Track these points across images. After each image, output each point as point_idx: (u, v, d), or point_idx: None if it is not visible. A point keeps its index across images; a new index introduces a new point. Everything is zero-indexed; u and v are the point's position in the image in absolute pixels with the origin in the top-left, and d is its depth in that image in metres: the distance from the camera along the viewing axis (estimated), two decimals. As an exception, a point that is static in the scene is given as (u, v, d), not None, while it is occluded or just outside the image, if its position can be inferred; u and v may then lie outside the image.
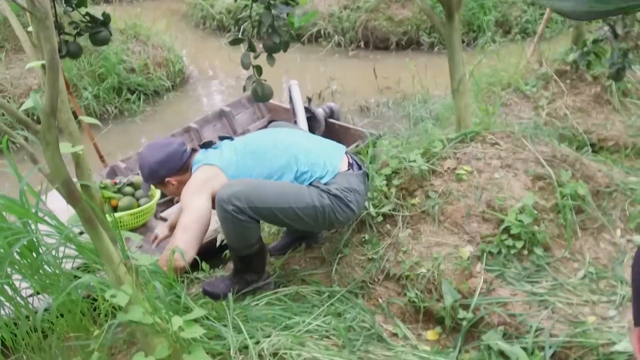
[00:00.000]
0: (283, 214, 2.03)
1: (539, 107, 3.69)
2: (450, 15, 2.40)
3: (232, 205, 1.96)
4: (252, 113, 4.48)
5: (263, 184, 2.07)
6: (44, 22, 1.11)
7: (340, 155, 2.26)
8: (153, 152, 2.29)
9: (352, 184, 2.16)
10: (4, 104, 1.15)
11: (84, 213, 1.26)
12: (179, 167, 2.28)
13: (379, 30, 6.24)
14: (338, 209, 2.10)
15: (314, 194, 2.08)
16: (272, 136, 2.30)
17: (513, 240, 2.19)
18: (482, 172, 2.41)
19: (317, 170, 2.16)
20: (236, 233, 2.05)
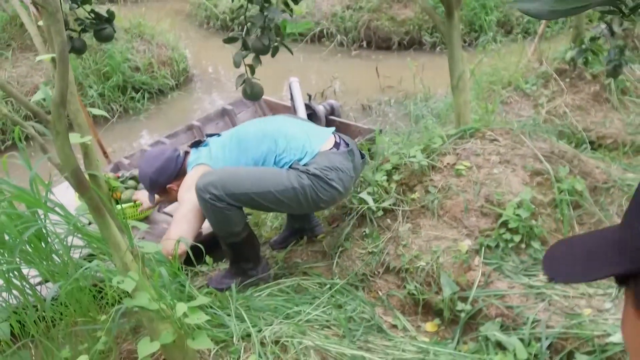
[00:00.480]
0: (262, 198, 2.06)
1: (538, 105, 3.72)
2: (450, 13, 2.44)
3: (209, 193, 2.02)
4: (254, 111, 4.52)
5: (238, 170, 2.12)
6: (54, 16, 1.15)
7: (323, 137, 2.27)
8: (149, 163, 2.38)
9: (334, 162, 2.16)
10: (16, 95, 1.20)
11: (92, 202, 1.31)
12: (176, 172, 2.37)
13: (381, 30, 6.28)
14: (320, 188, 2.11)
15: (292, 175, 2.10)
16: (256, 125, 2.36)
17: (511, 234, 2.22)
18: (481, 168, 2.45)
19: (295, 153, 2.18)
20: (217, 221, 2.10)
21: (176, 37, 5.44)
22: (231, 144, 2.27)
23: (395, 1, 6.40)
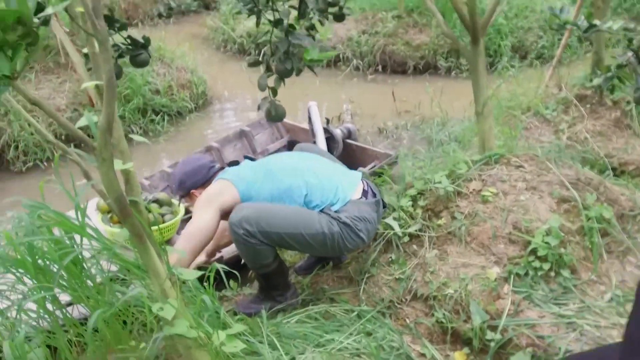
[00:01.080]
0: (292, 239, 2.08)
1: (559, 130, 3.72)
2: (476, 40, 2.45)
3: (242, 229, 2.04)
4: (271, 133, 4.56)
5: (274, 209, 2.12)
6: (104, 45, 1.17)
7: (355, 183, 2.30)
8: (184, 165, 2.46)
9: (363, 212, 2.20)
10: (63, 121, 1.21)
11: (133, 228, 1.31)
12: (203, 181, 2.43)
13: (396, 54, 6.33)
14: (347, 236, 2.14)
15: (324, 221, 2.12)
16: (288, 158, 2.39)
17: (540, 262, 2.21)
18: (508, 194, 2.44)
19: (328, 197, 2.20)
20: (249, 254, 2.12)
21: (195, 60, 5.50)
22: (260, 169, 2.29)
23: (411, 26, 6.46)
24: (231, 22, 6.96)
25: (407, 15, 6.53)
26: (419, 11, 6.52)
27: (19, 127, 4.23)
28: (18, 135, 4.22)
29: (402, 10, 6.51)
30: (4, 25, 0.79)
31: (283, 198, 2.19)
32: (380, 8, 6.65)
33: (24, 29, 0.82)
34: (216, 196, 2.21)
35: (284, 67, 2.10)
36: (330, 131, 4.08)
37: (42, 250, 1.52)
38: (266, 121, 4.45)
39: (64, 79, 4.65)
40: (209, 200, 2.19)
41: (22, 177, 4.20)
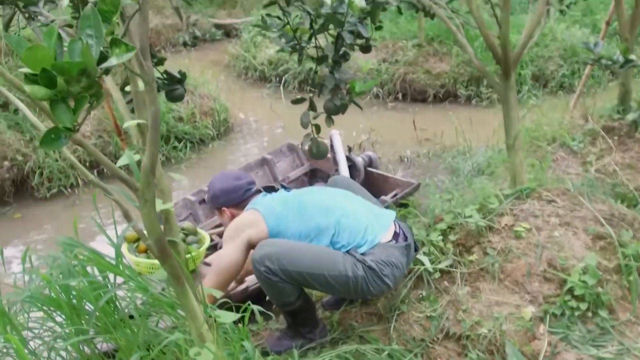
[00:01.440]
0: (314, 279, 2.04)
1: (587, 162, 3.66)
2: (507, 74, 2.44)
3: (263, 266, 2.01)
4: (292, 161, 4.56)
5: (297, 247, 2.09)
6: (150, 85, 1.17)
7: (386, 225, 2.24)
8: (223, 179, 2.47)
9: (391, 257, 2.14)
10: (106, 161, 1.20)
11: (172, 270, 1.29)
12: (237, 202, 2.43)
13: (417, 82, 6.33)
14: (372, 281, 2.08)
15: (349, 262, 2.07)
16: (321, 194, 2.35)
17: (577, 302, 2.15)
18: (541, 230, 2.39)
19: (355, 238, 2.15)
20: (272, 292, 2.09)
21: (218, 88, 5.55)
22: (292, 204, 2.26)
23: (431, 54, 6.47)
24: (252, 50, 7.03)
25: (427, 43, 6.55)
26: (439, 40, 6.54)
27: (44, 154, 4.26)
28: (43, 162, 4.25)
29: (422, 39, 6.54)
30: (69, 77, 0.78)
31: (310, 236, 2.17)
32: (400, 37, 6.68)
33: (87, 80, 0.81)
34: (243, 228, 2.21)
35: (332, 104, 2.10)
36: (352, 159, 4.06)
37: (78, 291, 1.50)
38: (287, 149, 4.47)
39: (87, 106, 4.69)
40: (238, 232, 2.19)
41: (45, 203, 4.22)
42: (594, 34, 7.31)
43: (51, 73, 0.77)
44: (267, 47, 7.01)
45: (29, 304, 1.53)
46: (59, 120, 0.83)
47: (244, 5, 9.34)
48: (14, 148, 4.20)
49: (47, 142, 0.84)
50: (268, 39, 7.20)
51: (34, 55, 0.75)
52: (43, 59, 0.76)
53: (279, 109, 5.93)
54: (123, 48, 0.81)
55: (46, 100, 0.82)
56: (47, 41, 0.78)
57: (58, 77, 0.78)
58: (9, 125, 4.34)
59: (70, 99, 0.84)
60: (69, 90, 0.81)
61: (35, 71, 0.78)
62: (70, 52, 0.79)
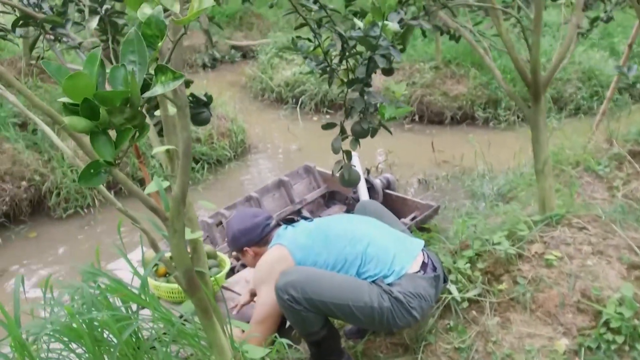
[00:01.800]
0: (338, 309, 1.97)
1: (613, 187, 3.57)
2: (537, 98, 2.38)
3: (287, 294, 1.95)
4: (309, 183, 4.51)
5: (322, 275, 2.03)
6: (183, 110, 1.13)
7: (414, 254, 2.16)
8: (239, 220, 2.40)
9: (419, 288, 2.06)
10: (136, 190, 1.15)
11: (200, 303, 1.23)
12: (258, 240, 2.36)
13: (434, 104, 6.28)
14: (398, 313, 2.01)
15: (374, 293, 2.00)
16: (347, 223, 2.28)
17: (613, 335, 2.06)
18: (573, 258, 2.31)
19: (382, 268, 2.08)
20: (295, 321, 2.03)
21: (235, 109, 5.54)
22: (317, 235, 2.20)
23: (449, 77, 6.44)
24: (269, 72, 7.04)
25: (444, 66, 6.52)
26: (456, 62, 6.51)
27: (62, 174, 4.25)
28: (60, 182, 4.24)
29: (439, 61, 6.51)
30: (111, 107, 0.74)
31: (337, 267, 2.11)
32: (417, 59, 6.66)
33: (131, 111, 0.77)
34: (272, 267, 2.16)
35: (360, 127, 2.05)
36: (371, 181, 4.01)
37: (101, 321, 1.44)
38: (304, 171, 4.42)
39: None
40: (269, 273, 2.15)
41: (62, 223, 4.20)
42: (612, 57, 7.26)
43: (93, 103, 0.72)
44: (284, 68, 7.02)
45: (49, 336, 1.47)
46: (99, 154, 0.78)
47: (260, 28, 9.41)
48: (32, 168, 4.19)
49: (86, 177, 0.80)
50: (285, 60, 7.22)
51: (76, 84, 0.71)
52: (85, 89, 0.71)
53: (295, 130, 5.91)
54: (170, 75, 0.76)
55: (86, 132, 0.77)
56: (88, 69, 0.73)
57: (100, 107, 0.73)
58: (27, 145, 4.35)
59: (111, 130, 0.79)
60: (111, 121, 0.76)
61: (76, 101, 0.73)
62: (113, 80, 0.74)
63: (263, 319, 2.17)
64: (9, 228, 4.08)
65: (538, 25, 2.23)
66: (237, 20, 9.46)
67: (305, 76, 6.63)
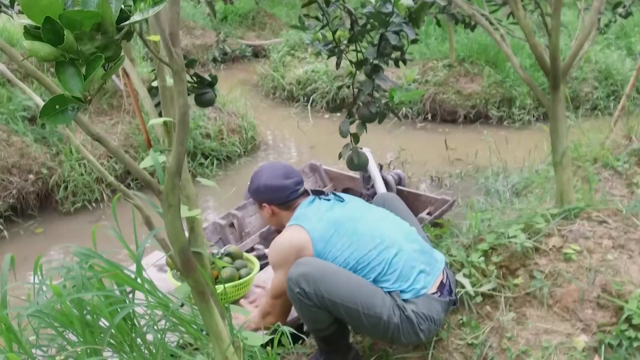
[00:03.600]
0: (347, 313, 1.87)
1: (632, 184, 3.45)
2: (556, 86, 2.28)
3: (299, 287, 1.85)
4: (315, 181, 4.42)
5: (338, 274, 1.91)
6: (179, 75, 1.05)
7: (436, 273, 2.04)
8: (269, 176, 2.24)
9: (432, 311, 1.95)
10: (128, 161, 1.09)
11: (197, 284, 1.16)
12: (281, 202, 2.21)
13: (447, 103, 6.19)
14: (405, 332, 1.91)
15: (387, 305, 1.89)
16: (377, 223, 2.11)
17: (635, 332, 1.95)
18: (593, 253, 2.21)
19: (402, 283, 1.96)
20: (304, 315, 1.93)
21: (246, 106, 5.49)
22: (345, 230, 2.04)
23: (462, 75, 6.34)
24: (281, 70, 6.99)
25: (458, 64, 6.43)
26: (470, 60, 6.42)
27: (70, 168, 4.22)
28: (68, 176, 4.21)
29: (453, 59, 6.42)
30: (80, 32, 0.65)
31: (356, 268, 1.97)
32: (430, 57, 6.58)
33: (103, 38, 0.68)
34: (291, 255, 2.02)
35: (368, 111, 1.97)
36: (384, 177, 3.92)
37: (92, 305, 1.37)
38: (309, 169, 4.33)
39: (116, 121, 4.67)
40: (286, 258, 2.02)
41: (69, 217, 4.16)
42: (629, 56, 7.12)
43: (58, 25, 0.64)
44: (296, 66, 6.96)
45: (38, 320, 1.40)
46: (65, 87, 0.70)
47: (273, 27, 9.38)
48: (40, 161, 4.16)
49: (49, 113, 0.71)
50: (297, 58, 7.17)
51: (37, 1, 0.62)
52: (48, 7, 0.63)
53: (305, 128, 5.84)
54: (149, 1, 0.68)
55: (50, 60, 0.69)
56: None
57: (66, 31, 0.65)
58: (36, 138, 4.32)
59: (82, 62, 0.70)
60: (79, 49, 0.68)
61: (37, 23, 0.64)
62: (83, 1, 0.66)
63: (278, 295, 2.09)
64: (17, 223, 4.05)
65: (558, 9, 2.13)
66: (249, 19, 9.46)
67: (317, 74, 6.57)
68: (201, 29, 8.50)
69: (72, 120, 0.73)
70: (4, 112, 4.30)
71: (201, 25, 8.61)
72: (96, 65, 0.69)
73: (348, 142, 2.20)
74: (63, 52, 0.67)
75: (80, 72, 0.70)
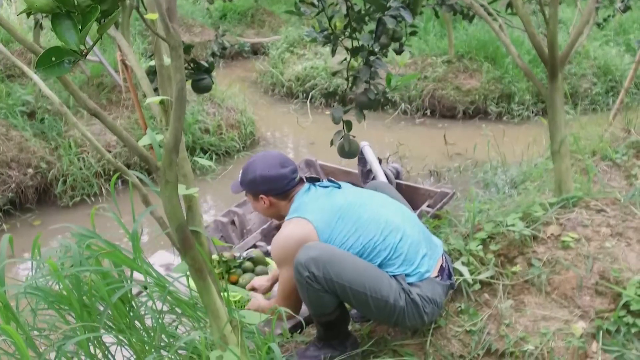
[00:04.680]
0: (355, 296, 1.88)
1: (631, 175, 3.46)
2: (554, 75, 2.29)
3: (308, 271, 1.84)
4: (310, 176, 4.42)
5: (345, 257, 1.91)
6: (176, 51, 1.05)
7: (437, 258, 2.07)
8: (264, 166, 2.17)
9: (435, 294, 1.98)
10: (125, 136, 1.09)
11: (194, 262, 1.16)
12: (280, 192, 2.16)
13: (446, 99, 6.20)
14: (410, 315, 1.93)
15: (393, 289, 1.91)
16: (380, 208, 2.10)
17: (633, 318, 1.95)
18: (591, 240, 2.21)
19: (407, 267, 1.97)
20: (310, 300, 1.93)
21: (244, 101, 5.50)
22: (349, 217, 2.03)
23: (461, 71, 6.35)
24: (280, 66, 6.99)
25: (457, 60, 6.44)
26: (469, 56, 6.42)
27: (68, 162, 4.22)
28: (67, 170, 4.21)
29: (452, 55, 6.43)
30: None
31: (362, 253, 1.98)
32: (430, 53, 6.58)
33: None
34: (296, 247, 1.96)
35: (366, 97, 1.96)
36: (384, 171, 3.93)
37: (90, 284, 1.37)
38: (305, 165, 4.31)
39: (115, 116, 4.67)
40: (290, 252, 1.97)
41: (68, 211, 4.17)
42: (628, 52, 7.13)
43: None
44: (295, 63, 6.97)
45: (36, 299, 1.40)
46: (62, 39, 0.70)
47: (272, 25, 9.38)
48: (39, 155, 4.16)
49: (45, 64, 0.71)
50: (296, 55, 7.17)
51: None
52: None
53: (305, 124, 5.85)
54: None
55: (47, 11, 0.69)
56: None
57: None
58: (35, 133, 4.32)
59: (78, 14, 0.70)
60: (75, 1, 0.68)
61: None
62: None
63: (289, 294, 2.06)
64: (15, 216, 4.05)
65: (555, -4, 2.14)
66: (248, 17, 9.45)
67: (316, 70, 6.58)
68: (200, 27, 8.49)
69: (68, 72, 0.74)
70: (3, 106, 4.31)
71: (200, 23, 8.61)
72: (92, 16, 0.69)
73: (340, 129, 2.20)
74: (59, 4, 0.68)
75: (76, 25, 0.70)
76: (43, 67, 0.71)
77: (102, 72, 4.83)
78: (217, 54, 7.69)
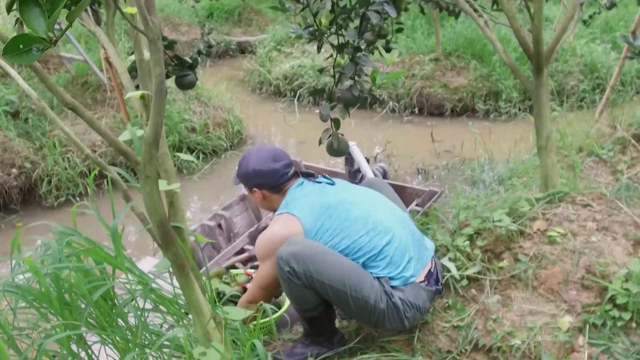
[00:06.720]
0: (335, 294, 1.87)
1: (617, 171, 3.48)
2: (539, 69, 2.29)
3: (288, 266, 1.84)
4: (299, 177, 4.40)
5: (328, 255, 1.90)
6: (155, 44, 1.04)
7: (425, 261, 2.07)
8: (257, 160, 2.18)
9: (419, 299, 1.97)
10: (106, 133, 1.07)
11: (176, 258, 1.14)
12: (272, 186, 2.17)
13: (434, 96, 6.21)
14: (390, 318, 1.93)
15: (375, 290, 1.90)
16: (369, 207, 2.09)
17: (619, 311, 1.96)
18: (577, 235, 2.21)
19: (391, 270, 1.96)
20: (292, 295, 1.92)
21: (232, 100, 5.47)
22: (337, 216, 2.02)
23: (449, 69, 6.36)
24: (267, 65, 6.97)
25: (444, 58, 6.45)
26: (457, 54, 6.44)
27: (53, 162, 4.17)
28: (51, 170, 4.16)
29: (439, 52, 6.44)
30: None
31: (347, 252, 1.97)
32: (417, 51, 6.59)
33: None
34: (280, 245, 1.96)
35: (351, 94, 1.94)
36: (373, 170, 3.92)
37: (69, 282, 1.34)
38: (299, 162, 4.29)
39: (100, 115, 4.62)
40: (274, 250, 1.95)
41: (53, 211, 4.12)
42: (614, 50, 7.18)
43: None
44: (282, 62, 6.95)
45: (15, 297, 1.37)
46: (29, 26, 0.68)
47: (259, 23, 9.34)
48: (23, 155, 4.11)
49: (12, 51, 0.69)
50: (283, 54, 7.14)
51: None
52: None
53: (292, 123, 5.83)
54: None
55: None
56: None
57: None
58: (19, 133, 4.27)
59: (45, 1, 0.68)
60: None
61: None
62: None
63: (264, 286, 2.05)
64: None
65: (539, -9, 2.14)
66: (235, 16, 9.41)
67: (304, 69, 6.56)
68: (187, 25, 8.45)
69: (36, 59, 0.72)
70: (-14, 106, 4.25)
71: (187, 22, 8.56)
72: (60, 3, 0.67)
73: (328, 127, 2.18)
74: (25, -11, 0.66)
75: (45, 12, 0.68)
76: (10, 54, 0.69)
77: (87, 71, 4.78)
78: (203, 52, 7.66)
